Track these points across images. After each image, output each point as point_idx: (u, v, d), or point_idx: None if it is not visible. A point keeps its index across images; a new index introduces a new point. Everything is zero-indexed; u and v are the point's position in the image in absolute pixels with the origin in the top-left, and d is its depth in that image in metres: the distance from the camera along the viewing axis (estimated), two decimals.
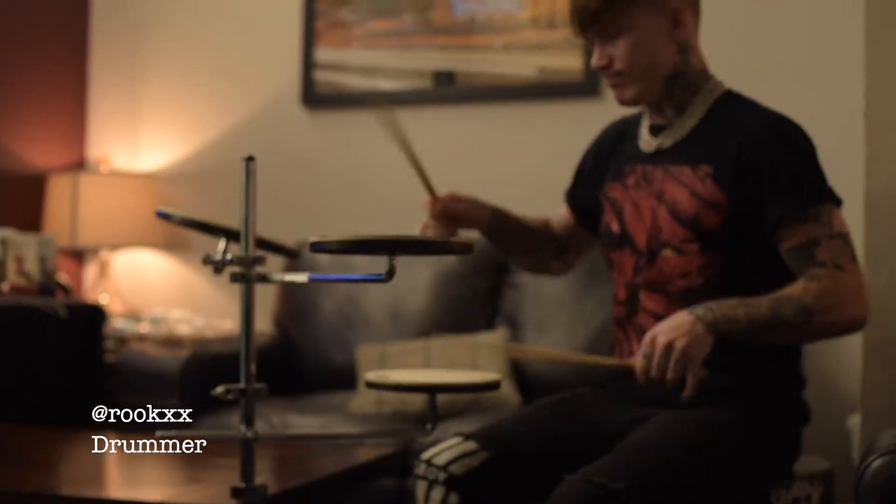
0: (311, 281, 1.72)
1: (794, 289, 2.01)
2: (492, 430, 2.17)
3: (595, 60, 2.19)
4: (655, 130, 2.24)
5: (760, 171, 2.07)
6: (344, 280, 1.63)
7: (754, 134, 2.11)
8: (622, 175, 2.27)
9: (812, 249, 2.02)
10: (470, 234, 2.31)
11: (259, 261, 1.79)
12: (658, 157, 2.21)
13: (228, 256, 1.80)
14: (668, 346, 1.93)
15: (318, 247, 1.54)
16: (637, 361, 1.98)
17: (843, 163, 2.15)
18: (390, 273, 1.56)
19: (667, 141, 2.21)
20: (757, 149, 2.09)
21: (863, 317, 2.04)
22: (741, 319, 1.97)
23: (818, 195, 2.06)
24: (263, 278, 1.80)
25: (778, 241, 2.07)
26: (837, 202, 2.08)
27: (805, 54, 3.76)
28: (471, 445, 2.10)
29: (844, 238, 2.04)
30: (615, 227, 2.26)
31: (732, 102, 2.20)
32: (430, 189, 2.23)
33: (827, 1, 3.72)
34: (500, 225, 2.38)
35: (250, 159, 1.77)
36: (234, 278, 1.78)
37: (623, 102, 2.22)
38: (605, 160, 2.35)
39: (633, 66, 2.15)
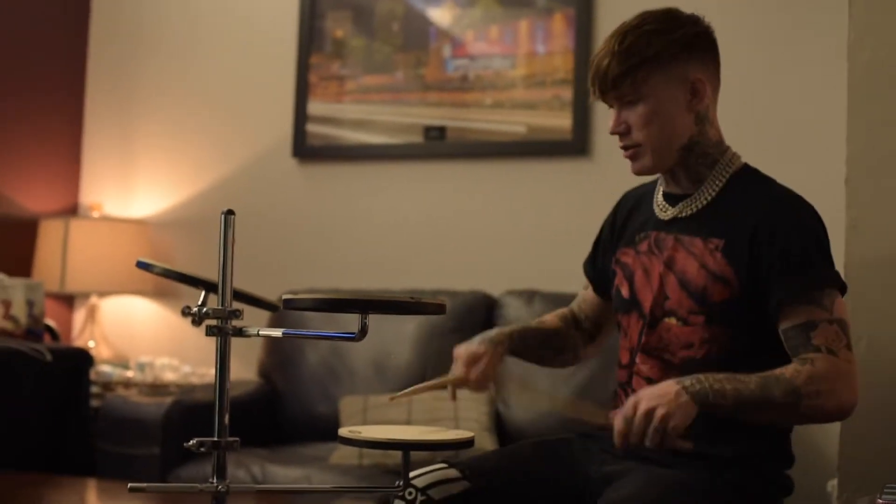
0: (286, 336, 1.72)
1: (786, 370, 2.00)
2: (476, 461, 2.18)
3: (612, 126, 2.19)
4: (671, 199, 2.24)
5: (771, 251, 2.07)
6: (316, 337, 1.64)
7: (768, 214, 2.11)
8: (635, 241, 2.28)
9: (808, 332, 2.02)
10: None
11: (235, 314, 1.79)
12: (671, 225, 2.21)
13: (205, 309, 1.81)
14: (648, 413, 1.92)
15: (290, 304, 1.55)
16: (617, 423, 1.97)
17: None
18: (363, 332, 1.56)
19: (682, 211, 2.20)
20: (769, 230, 2.09)
21: (852, 404, 2.02)
22: (728, 394, 1.96)
23: (824, 280, 2.06)
24: (239, 332, 1.80)
25: (778, 319, 2.07)
26: (842, 288, 2.09)
27: (787, 123, 3.79)
28: (453, 472, 2.10)
29: (842, 325, 2.04)
30: (625, 292, 2.26)
31: (749, 178, 2.20)
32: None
33: (810, 71, 3.75)
34: (520, 347, 2.34)
35: (230, 213, 1.78)
36: (210, 332, 1.78)
37: (638, 172, 2.22)
38: (621, 227, 2.35)
39: (649, 135, 2.15)
